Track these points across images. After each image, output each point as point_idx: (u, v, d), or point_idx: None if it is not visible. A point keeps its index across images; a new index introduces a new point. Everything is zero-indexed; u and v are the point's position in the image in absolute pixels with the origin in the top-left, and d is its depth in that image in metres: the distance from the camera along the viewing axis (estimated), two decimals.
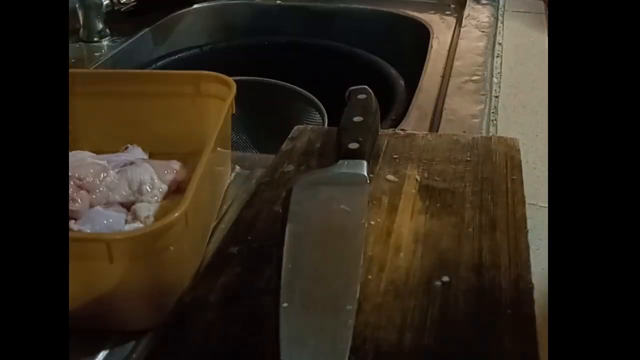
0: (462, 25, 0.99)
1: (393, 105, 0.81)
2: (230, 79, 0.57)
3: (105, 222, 0.48)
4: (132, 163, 0.52)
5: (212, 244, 0.51)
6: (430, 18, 1.06)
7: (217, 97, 0.57)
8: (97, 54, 0.92)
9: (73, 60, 0.89)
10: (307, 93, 0.88)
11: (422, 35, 1.01)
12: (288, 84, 0.91)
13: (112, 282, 0.42)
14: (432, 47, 0.95)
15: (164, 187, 0.51)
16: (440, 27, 1.03)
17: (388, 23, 1.10)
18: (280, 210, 0.49)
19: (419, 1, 1.13)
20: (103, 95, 0.60)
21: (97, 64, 0.89)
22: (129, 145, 0.58)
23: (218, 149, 0.53)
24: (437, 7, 1.11)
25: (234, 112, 0.56)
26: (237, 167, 0.61)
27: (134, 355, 0.43)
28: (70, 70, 0.74)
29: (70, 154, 0.56)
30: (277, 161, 0.56)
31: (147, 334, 0.44)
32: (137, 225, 0.47)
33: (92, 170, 0.50)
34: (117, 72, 0.70)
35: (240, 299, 0.42)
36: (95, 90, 0.60)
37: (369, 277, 0.42)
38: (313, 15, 1.11)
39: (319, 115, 0.86)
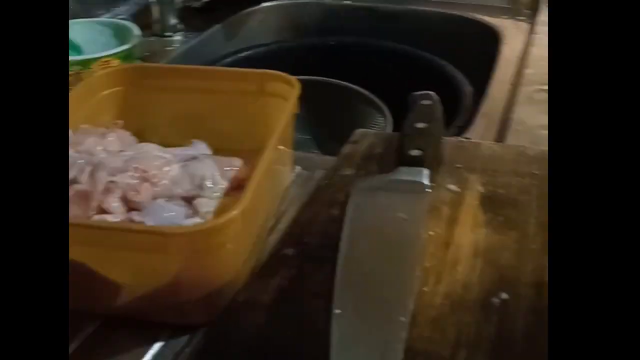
0: (535, 32, 0.96)
1: (458, 112, 0.79)
2: (295, 79, 0.57)
3: (166, 215, 0.48)
4: (195, 158, 0.53)
5: (268, 244, 0.51)
6: (501, 23, 1.03)
7: (281, 96, 0.57)
8: (169, 48, 0.94)
9: (146, 54, 0.91)
10: (372, 96, 0.88)
11: (492, 40, 0.99)
12: (353, 85, 0.90)
13: (169, 276, 0.43)
14: (502, 53, 0.92)
15: (225, 184, 0.51)
16: (511, 32, 1.00)
17: (457, 26, 1.07)
18: (338, 214, 0.49)
19: (491, 5, 1.10)
20: (172, 89, 0.61)
21: (169, 58, 0.91)
22: (194, 140, 0.59)
23: (280, 148, 0.53)
24: (509, 12, 1.07)
25: (297, 112, 0.55)
26: (298, 168, 0.61)
27: (187, 349, 0.43)
28: (142, 65, 0.76)
29: (137, 145, 0.58)
30: (336, 164, 0.55)
31: (202, 329, 0.44)
32: (197, 220, 0.48)
33: (156, 163, 0.51)
34: (186, 68, 0.71)
35: (292, 302, 0.42)
36: (165, 85, 0.61)
37: (425, 289, 0.41)
38: (380, 16, 1.10)
39: (383, 119, 0.85)
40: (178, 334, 0.44)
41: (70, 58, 0.73)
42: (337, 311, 0.40)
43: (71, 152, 0.53)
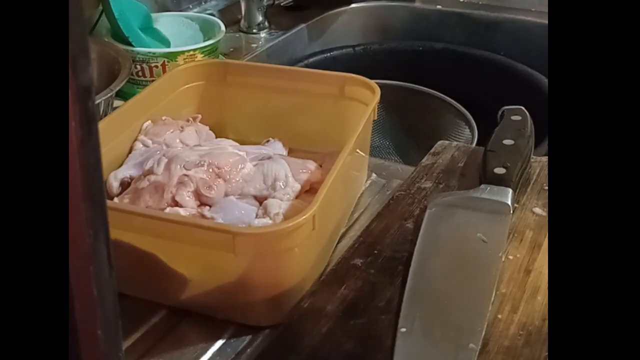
0: None
1: None
2: (375, 84, 0.55)
3: (236, 212, 0.48)
4: (269, 158, 0.53)
5: (338, 251, 0.50)
6: None
7: (361, 101, 0.56)
8: (254, 45, 0.94)
9: (231, 49, 0.92)
10: (459, 105, 0.84)
11: None
12: (439, 94, 0.88)
13: (235, 275, 0.42)
14: None
15: (297, 186, 0.50)
16: None
17: None
18: (412, 228, 0.47)
19: None
20: (252, 87, 0.61)
21: (252, 55, 0.91)
22: (270, 138, 0.58)
23: (356, 152, 0.52)
24: None
25: (375, 118, 0.54)
26: (374, 175, 0.60)
27: (248, 350, 0.43)
28: (224, 61, 0.76)
29: (214, 140, 0.58)
30: (415, 175, 0.54)
31: (265, 330, 0.44)
32: (266, 221, 0.47)
33: (230, 160, 0.50)
34: (267, 67, 0.71)
35: (357, 315, 0.40)
36: (245, 82, 0.61)
37: (499, 316, 0.39)
38: (474, 23, 1.06)
39: (468, 130, 0.81)
40: (240, 333, 0.44)
41: (157, 50, 0.75)
42: (403, 329, 0.38)
43: (150, 143, 0.54)
